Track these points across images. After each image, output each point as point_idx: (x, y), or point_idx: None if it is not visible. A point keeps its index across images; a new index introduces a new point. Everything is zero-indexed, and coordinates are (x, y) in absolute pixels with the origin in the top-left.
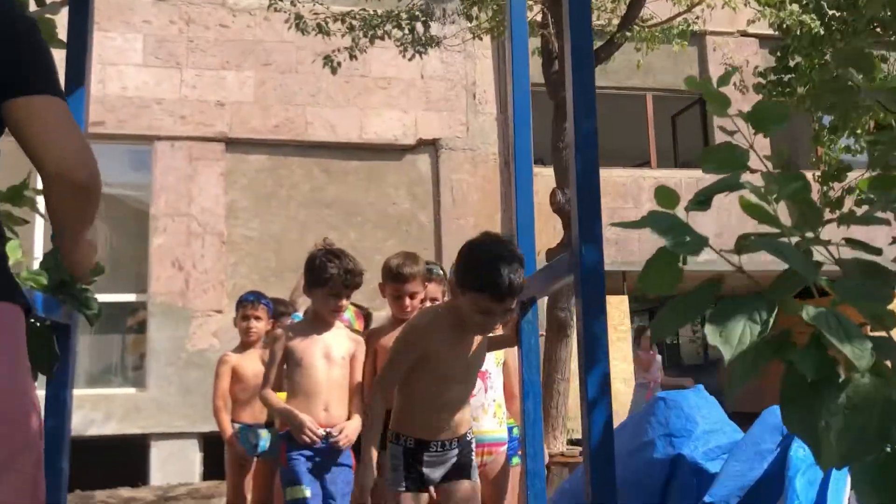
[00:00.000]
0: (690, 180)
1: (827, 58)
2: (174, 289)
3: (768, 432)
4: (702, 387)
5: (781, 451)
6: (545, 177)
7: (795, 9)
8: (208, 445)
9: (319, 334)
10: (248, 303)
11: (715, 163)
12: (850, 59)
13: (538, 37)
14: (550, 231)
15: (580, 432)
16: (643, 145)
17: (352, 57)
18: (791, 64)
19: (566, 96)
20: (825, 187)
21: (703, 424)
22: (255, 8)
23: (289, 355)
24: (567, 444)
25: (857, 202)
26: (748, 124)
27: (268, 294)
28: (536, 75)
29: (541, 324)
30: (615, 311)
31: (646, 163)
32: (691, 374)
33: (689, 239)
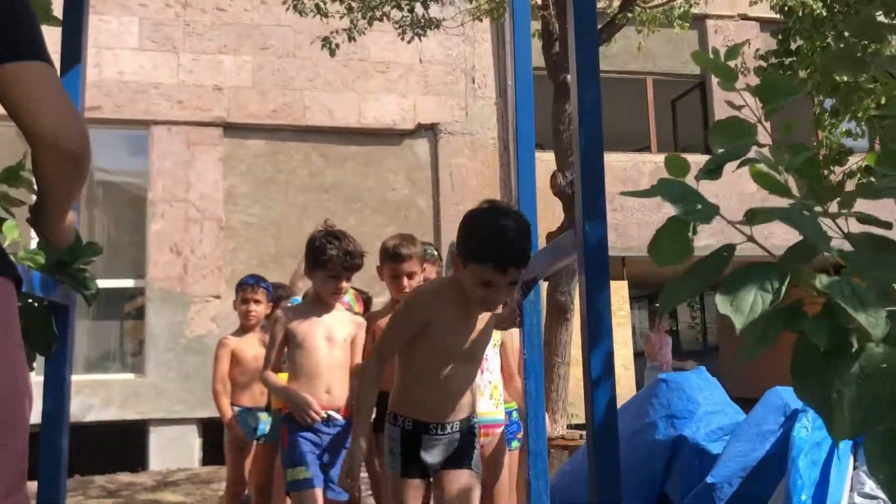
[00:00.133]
0: (691, 165)
1: (829, 40)
2: (172, 274)
3: (771, 413)
4: (704, 368)
5: (784, 431)
6: (544, 161)
7: None
8: (207, 431)
9: (320, 316)
10: (247, 286)
11: (723, 136)
12: (863, 29)
13: (538, 20)
14: (550, 216)
15: (581, 417)
16: (644, 130)
17: (350, 39)
18: (792, 47)
19: (569, 67)
20: (826, 171)
21: (704, 406)
22: None
23: (290, 337)
24: (567, 428)
25: (860, 185)
26: (756, 98)
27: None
28: (536, 59)
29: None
30: (615, 297)
31: (646, 147)
32: (691, 359)
33: (700, 207)
